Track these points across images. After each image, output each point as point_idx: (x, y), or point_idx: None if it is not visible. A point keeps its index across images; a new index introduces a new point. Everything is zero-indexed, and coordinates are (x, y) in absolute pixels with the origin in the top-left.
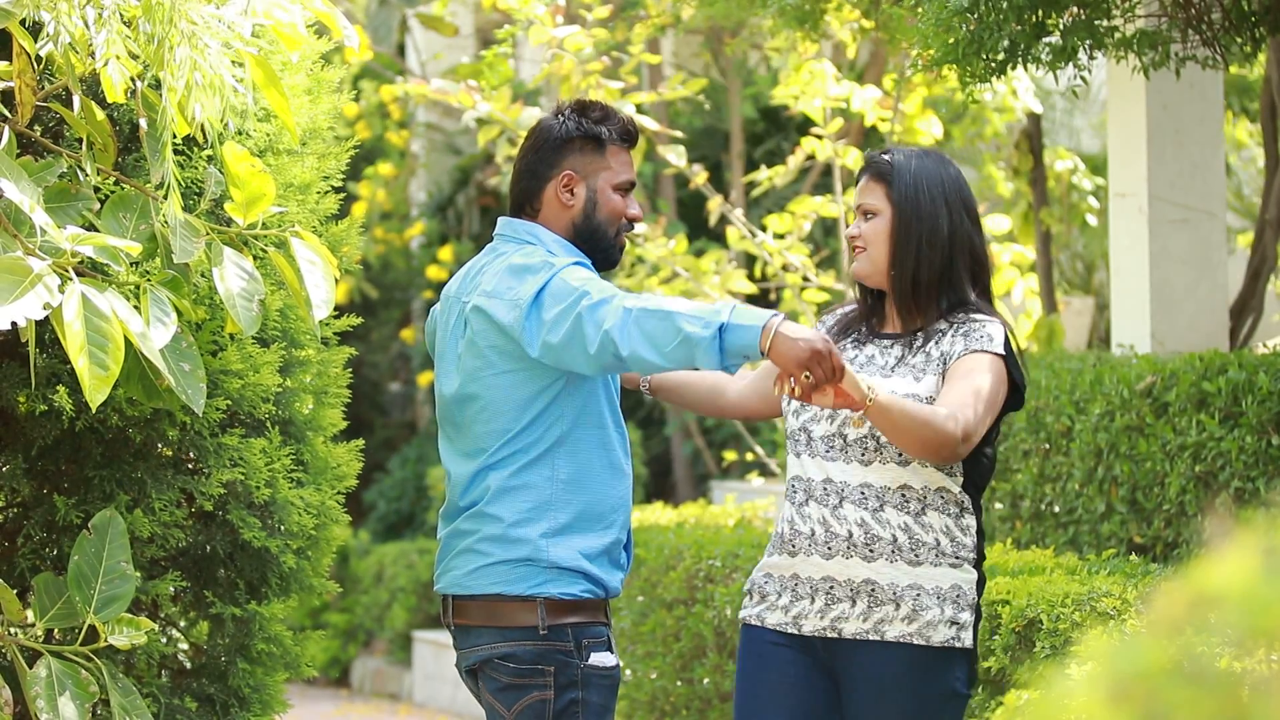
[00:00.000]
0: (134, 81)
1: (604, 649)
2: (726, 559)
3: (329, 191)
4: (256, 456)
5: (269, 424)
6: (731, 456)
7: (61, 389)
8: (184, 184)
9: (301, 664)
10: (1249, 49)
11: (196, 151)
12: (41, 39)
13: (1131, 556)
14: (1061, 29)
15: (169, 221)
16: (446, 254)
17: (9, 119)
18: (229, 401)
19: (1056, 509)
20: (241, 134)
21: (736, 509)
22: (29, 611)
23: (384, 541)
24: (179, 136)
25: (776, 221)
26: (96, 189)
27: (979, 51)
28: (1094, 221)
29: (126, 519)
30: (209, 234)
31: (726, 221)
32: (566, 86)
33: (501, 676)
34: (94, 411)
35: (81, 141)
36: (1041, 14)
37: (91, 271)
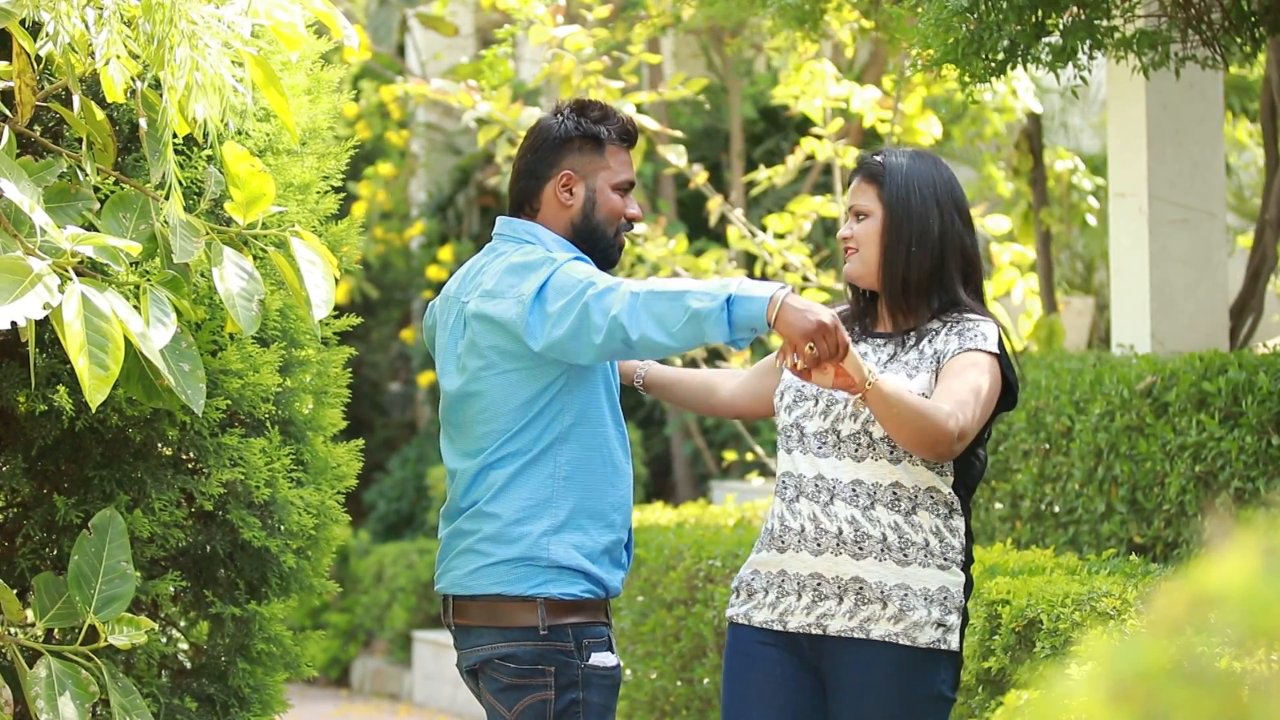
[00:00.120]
0: (134, 81)
1: (605, 649)
2: (726, 559)
3: (329, 191)
4: (256, 456)
5: (269, 424)
6: (731, 456)
7: (61, 389)
8: (184, 184)
9: (301, 664)
10: (1249, 49)
11: (196, 151)
12: (41, 39)
13: (1131, 556)
14: (1061, 29)
15: (169, 221)
16: (446, 254)
17: (9, 119)
18: (229, 401)
19: (1056, 509)
20: (241, 134)
21: (736, 509)
22: (29, 611)
23: (384, 541)
24: (179, 136)
25: (776, 221)
26: (96, 189)
27: (979, 51)
28: (1094, 221)
29: (126, 519)
30: (209, 234)
31: (726, 221)
32: (567, 86)
33: (502, 677)
34: (94, 411)
35: (81, 141)
36: (1041, 14)
37: (91, 271)
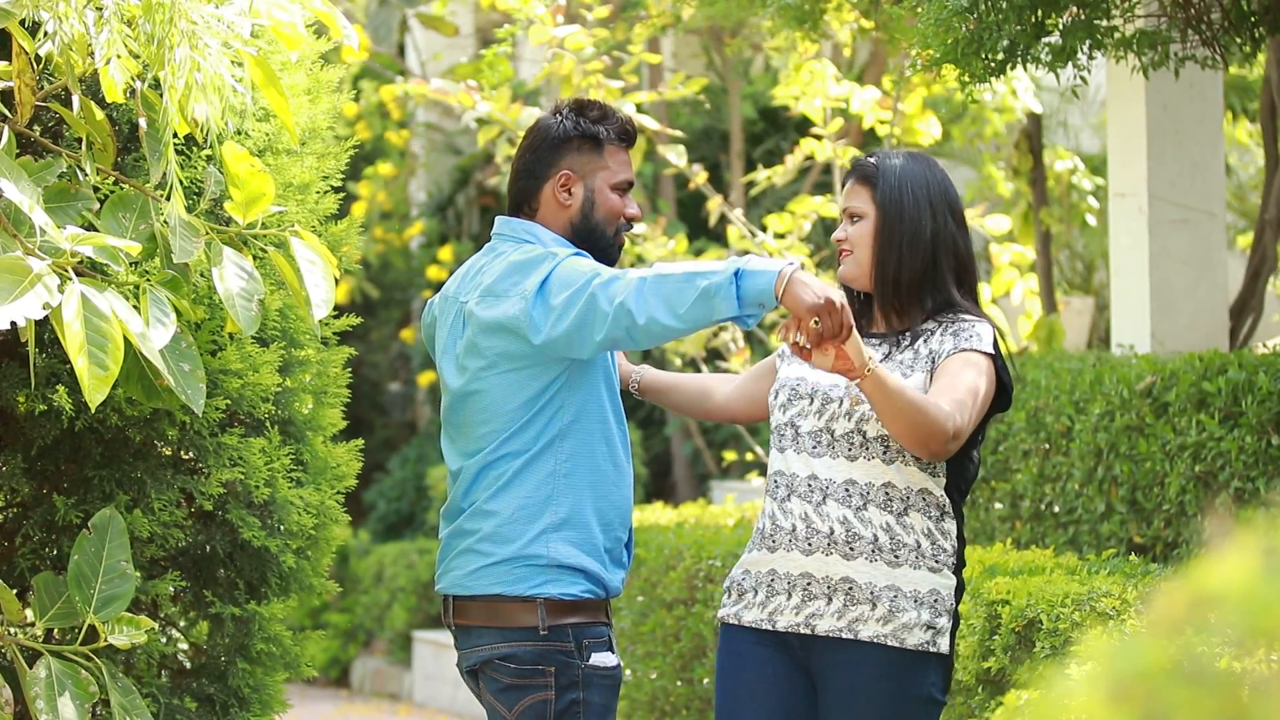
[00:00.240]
0: (134, 81)
1: (605, 649)
2: (726, 559)
3: (328, 191)
4: (256, 456)
5: (268, 424)
6: (731, 456)
7: (61, 389)
8: (183, 184)
9: (301, 664)
10: (1249, 49)
11: (196, 151)
12: (39, 38)
13: (1131, 556)
14: (1061, 29)
15: (169, 221)
16: (446, 254)
17: (9, 119)
18: (228, 401)
19: (1056, 509)
20: (241, 134)
21: (736, 509)
22: (29, 611)
23: (384, 541)
24: (179, 136)
25: (776, 221)
26: (96, 189)
27: (979, 51)
28: (1094, 221)
29: (126, 519)
30: (209, 234)
31: (726, 221)
32: (567, 86)
33: (502, 677)
34: (93, 411)
35: (81, 141)
36: (1041, 14)
37: (91, 271)
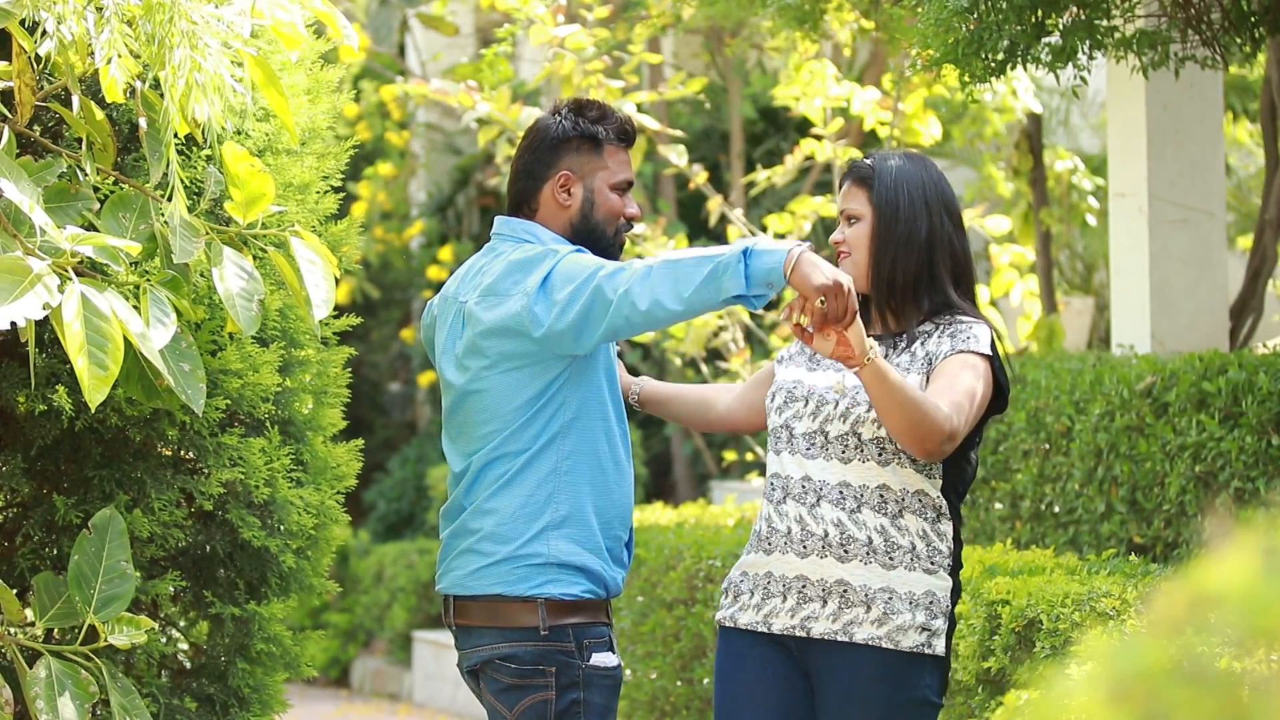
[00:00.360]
0: (134, 81)
1: (605, 649)
2: (726, 559)
3: (328, 191)
4: (256, 456)
5: (268, 424)
6: (731, 456)
7: (61, 389)
8: (184, 184)
9: (301, 664)
10: (1249, 49)
11: (196, 151)
12: (39, 37)
13: (1131, 556)
14: (1061, 29)
15: (169, 221)
16: (446, 254)
17: (9, 119)
18: (228, 401)
19: (1056, 509)
20: (240, 134)
21: (736, 509)
22: (28, 611)
23: (384, 541)
24: (179, 136)
25: (776, 221)
26: (96, 189)
27: (979, 51)
28: (1094, 221)
29: (126, 519)
30: (209, 234)
31: (726, 221)
32: (567, 86)
33: (503, 677)
34: (93, 411)
35: (81, 141)
36: (1041, 14)
37: (91, 271)
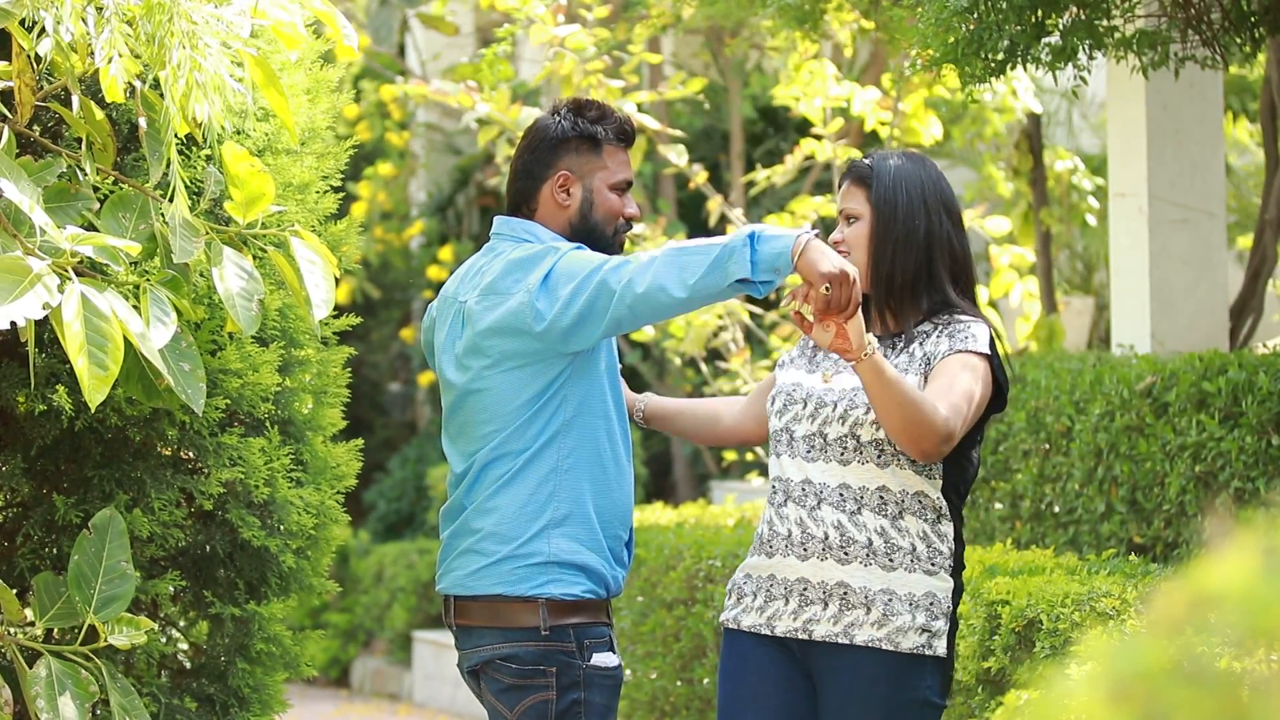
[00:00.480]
0: (135, 81)
1: (606, 649)
2: (726, 559)
3: (328, 191)
4: (256, 456)
5: (268, 423)
6: (731, 456)
7: (61, 389)
8: (184, 183)
9: (301, 664)
10: (1249, 49)
11: (195, 151)
12: (37, 36)
13: (1131, 556)
14: (1061, 29)
15: (169, 221)
16: (446, 254)
17: (9, 119)
18: (228, 401)
19: (1056, 509)
20: (240, 134)
21: (736, 509)
22: (28, 611)
23: (384, 541)
24: (179, 136)
25: (776, 221)
26: (96, 189)
27: (979, 51)
28: (1094, 221)
29: (126, 518)
30: (209, 233)
31: (726, 221)
32: (568, 86)
33: (504, 677)
34: (93, 411)
35: (81, 141)
36: (1041, 14)
37: (91, 271)
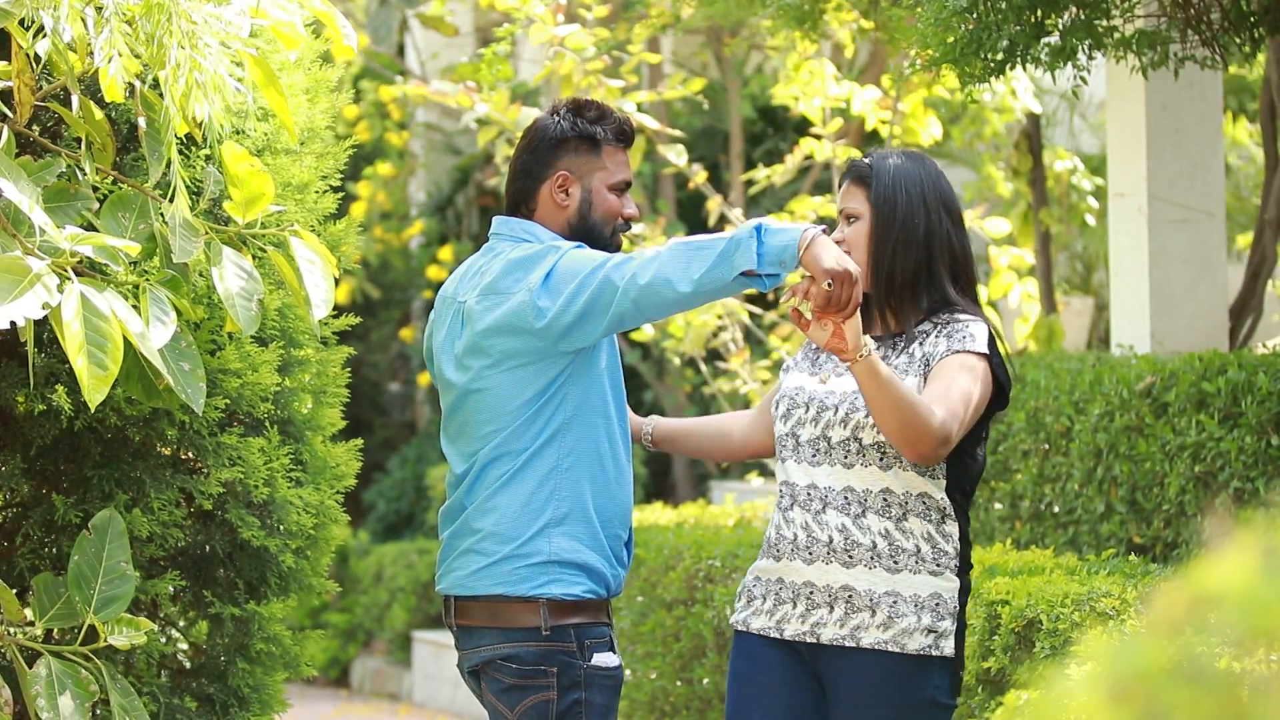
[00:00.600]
0: (135, 81)
1: (606, 649)
2: (726, 559)
3: (327, 191)
4: (255, 456)
5: (268, 423)
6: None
7: (60, 389)
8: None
9: (301, 664)
10: (1248, 49)
11: (195, 151)
12: (35, 36)
13: (1131, 556)
14: (1061, 29)
15: (168, 221)
16: (446, 254)
17: (8, 119)
18: (227, 401)
19: (1056, 509)
20: (239, 133)
21: (736, 509)
22: (28, 611)
23: (383, 541)
24: (179, 136)
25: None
26: (95, 189)
27: (978, 52)
28: (1094, 222)
29: (125, 518)
30: (208, 233)
31: (726, 221)
32: (567, 86)
33: (504, 677)
34: (93, 411)
35: (80, 141)
36: (1041, 14)
37: (90, 271)
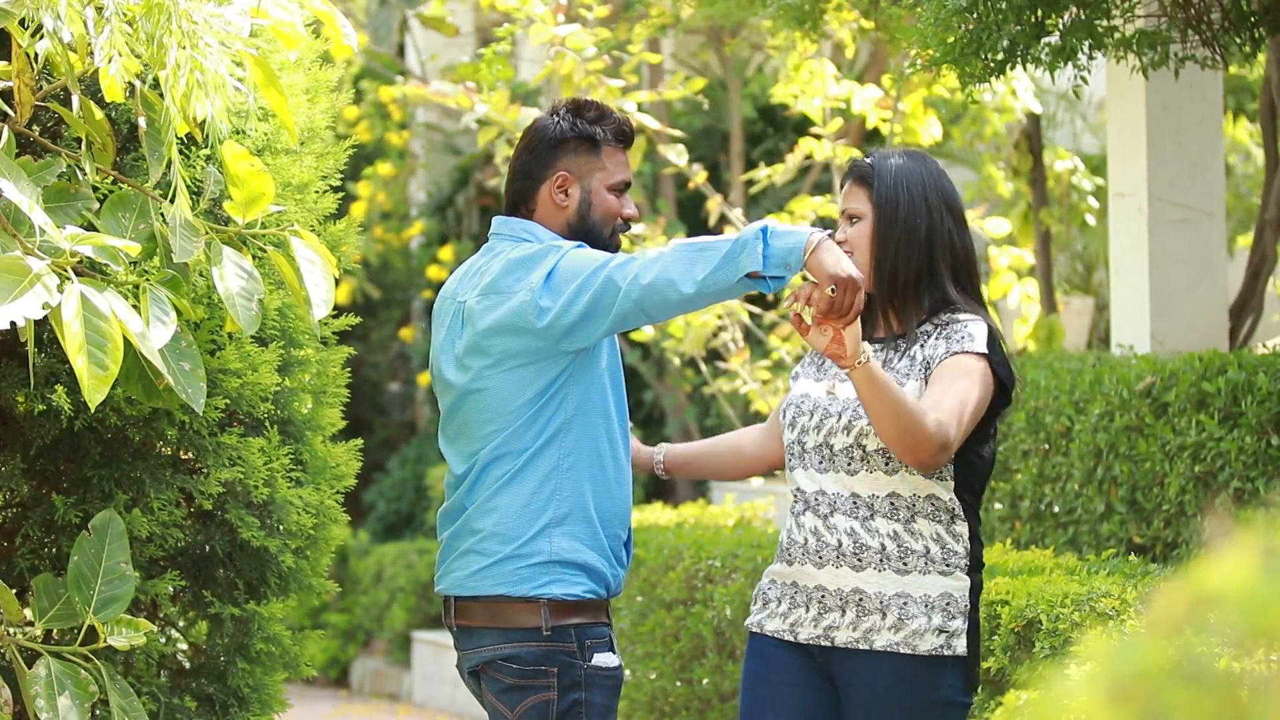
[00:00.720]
0: (135, 80)
1: (606, 649)
2: (726, 559)
3: (327, 191)
4: (255, 456)
5: (268, 423)
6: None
7: (60, 389)
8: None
9: (301, 664)
10: (1249, 49)
11: (195, 151)
12: (33, 36)
13: (1131, 556)
14: (1061, 29)
15: (169, 221)
16: (446, 254)
17: (8, 118)
18: (227, 400)
19: (1056, 509)
20: (240, 133)
21: (736, 509)
22: (28, 611)
23: (383, 542)
24: (179, 136)
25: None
26: (95, 188)
27: (978, 51)
28: (1094, 221)
29: (125, 518)
30: (208, 233)
31: (726, 221)
32: (568, 86)
33: (505, 678)
34: (93, 411)
35: (80, 141)
36: (1041, 14)
37: (90, 271)
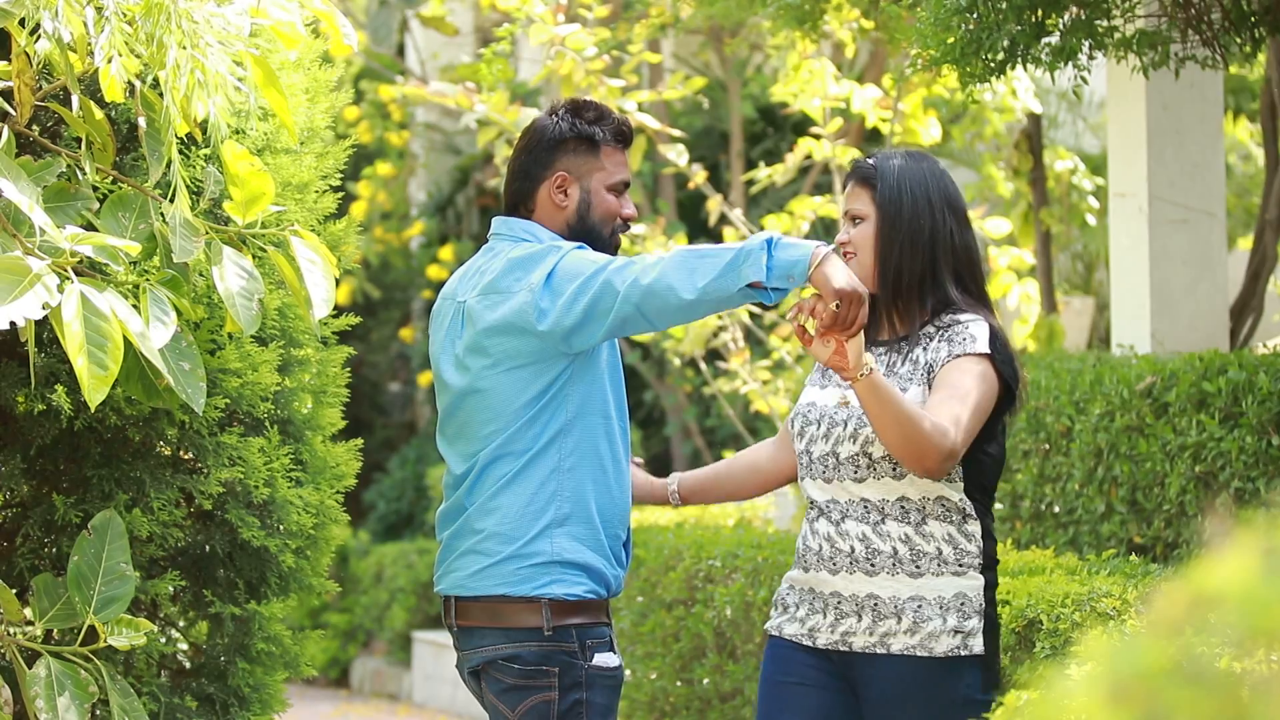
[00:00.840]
0: (135, 80)
1: (607, 649)
2: (726, 559)
3: (327, 190)
4: (255, 456)
5: (268, 423)
6: (730, 456)
7: (60, 388)
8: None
9: (301, 664)
10: (1249, 49)
11: (195, 151)
12: (31, 35)
13: (1131, 556)
14: (1061, 29)
15: (169, 221)
16: (446, 254)
17: (9, 118)
18: (227, 400)
19: (1056, 509)
20: (240, 133)
21: (736, 509)
22: (28, 611)
23: (383, 542)
24: (179, 135)
25: (775, 221)
26: (95, 188)
27: (978, 51)
28: (1094, 221)
29: (125, 518)
30: (208, 233)
31: (726, 221)
32: (568, 85)
33: (506, 678)
34: (93, 411)
35: (80, 141)
36: (1041, 14)
37: (90, 271)
